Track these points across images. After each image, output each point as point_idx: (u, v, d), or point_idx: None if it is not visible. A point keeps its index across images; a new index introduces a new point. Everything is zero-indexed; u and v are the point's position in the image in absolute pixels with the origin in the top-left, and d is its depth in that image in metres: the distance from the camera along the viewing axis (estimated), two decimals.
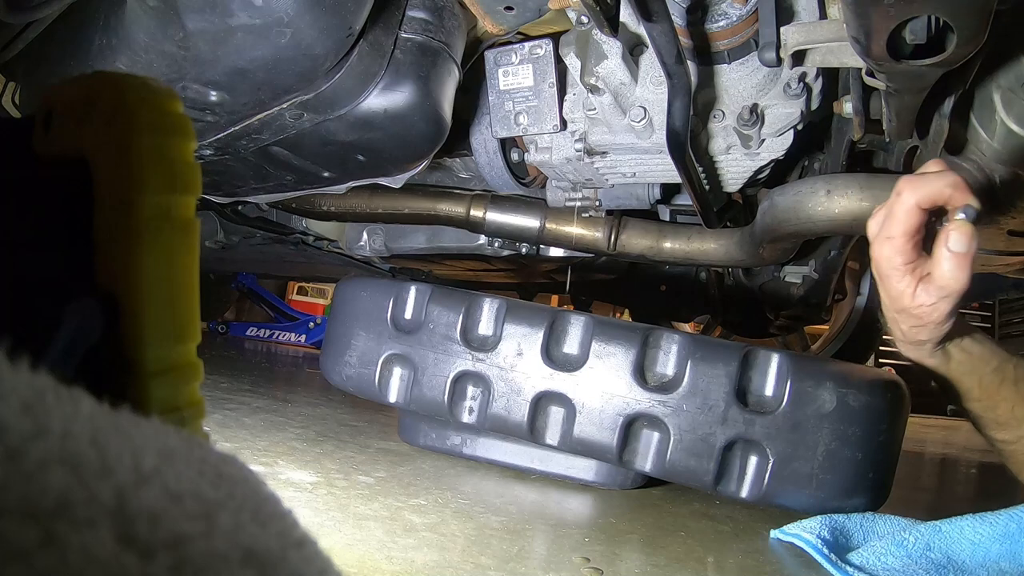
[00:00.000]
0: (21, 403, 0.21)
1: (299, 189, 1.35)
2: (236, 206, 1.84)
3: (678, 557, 0.89)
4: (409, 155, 1.17)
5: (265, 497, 0.27)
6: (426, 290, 1.24)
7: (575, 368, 1.12)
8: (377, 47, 1.01)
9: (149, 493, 0.22)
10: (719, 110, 1.14)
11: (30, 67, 0.97)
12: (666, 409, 1.07)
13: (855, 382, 1.03)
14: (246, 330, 4.39)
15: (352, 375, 1.28)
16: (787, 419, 1.03)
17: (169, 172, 0.37)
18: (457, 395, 1.19)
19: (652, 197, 1.45)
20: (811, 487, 1.02)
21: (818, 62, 1.02)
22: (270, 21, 0.85)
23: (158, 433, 0.26)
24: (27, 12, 0.83)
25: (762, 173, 1.26)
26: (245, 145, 1.12)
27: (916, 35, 0.69)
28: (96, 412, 0.24)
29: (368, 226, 1.91)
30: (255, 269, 3.54)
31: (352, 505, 0.92)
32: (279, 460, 1.11)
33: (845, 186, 1.10)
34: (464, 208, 1.58)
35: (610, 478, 1.19)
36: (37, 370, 0.23)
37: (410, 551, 0.77)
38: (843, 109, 1.10)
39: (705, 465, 1.05)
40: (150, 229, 0.37)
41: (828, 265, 1.81)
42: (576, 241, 1.56)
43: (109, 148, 0.37)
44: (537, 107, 1.25)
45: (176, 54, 0.89)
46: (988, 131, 1.00)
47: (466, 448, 1.26)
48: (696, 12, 1.02)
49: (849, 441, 1.02)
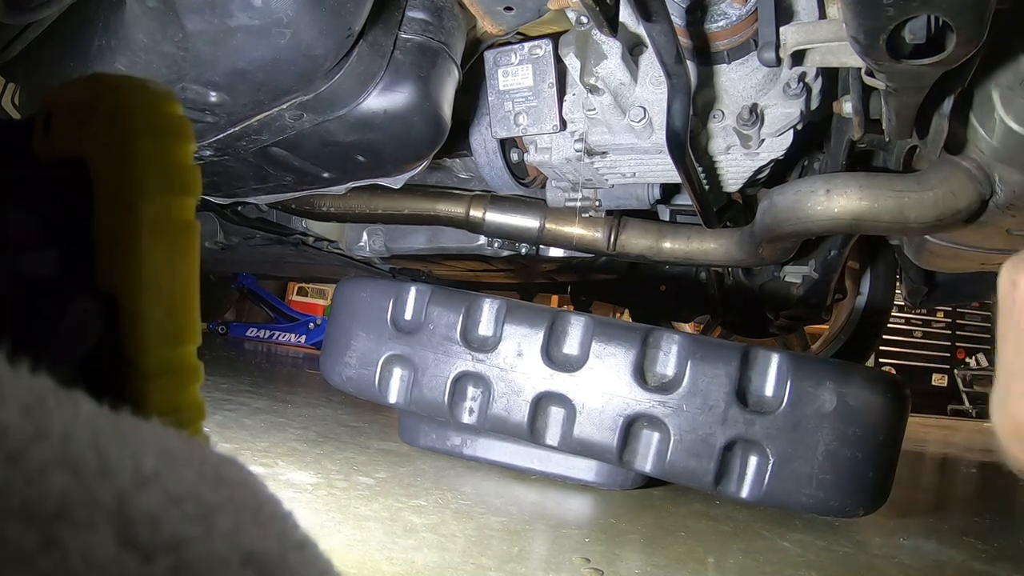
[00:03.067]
0: (21, 406, 0.21)
1: (299, 190, 1.35)
2: (236, 207, 1.84)
3: (678, 557, 0.89)
4: (409, 155, 1.17)
5: (265, 499, 0.27)
6: (426, 291, 1.24)
7: (575, 368, 1.12)
8: (377, 48, 1.01)
9: (149, 496, 0.22)
10: (719, 110, 1.13)
11: (30, 68, 0.97)
12: (666, 409, 1.07)
13: (855, 382, 1.03)
14: (246, 331, 4.39)
15: (352, 376, 1.28)
16: (787, 419, 1.03)
17: (168, 174, 0.37)
18: (457, 396, 1.19)
19: (652, 197, 1.45)
20: (811, 487, 1.02)
21: (817, 62, 1.02)
22: (269, 22, 0.85)
23: (158, 435, 0.26)
24: (27, 13, 0.83)
25: (762, 173, 1.26)
26: (245, 146, 1.12)
27: (915, 35, 0.69)
28: (96, 414, 0.24)
29: (368, 227, 1.91)
30: (255, 270, 3.54)
31: (352, 506, 0.92)
32: (279, 461, 1.11)
33: (845, 185, 1.10)
34: (464, 208, 1.58)
35: (610, 478, 1.19)
36: (37, 372, 0.23)
37: (410, 552, 0.77)
38: (843, 109, 1.10)
39: (705, 465, 1.05)
40: (150, 231, 0.36)
41: (828, 265, 1.81)
42: (576, 241, 1.56)
43: (109, 150, 0.36)
44: (537, 107, 1.24)
45: (175, 55, 0.89)
46: (988, 130, 1.00)
47: (466, 448, 1.26)
48: (695, 12, 1.02)
49: (849, 441, 1.02)
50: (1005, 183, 1.04)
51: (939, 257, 1.42)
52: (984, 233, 1.18)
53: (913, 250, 1.48)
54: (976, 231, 1.17)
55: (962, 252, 1.31)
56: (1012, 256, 0.57)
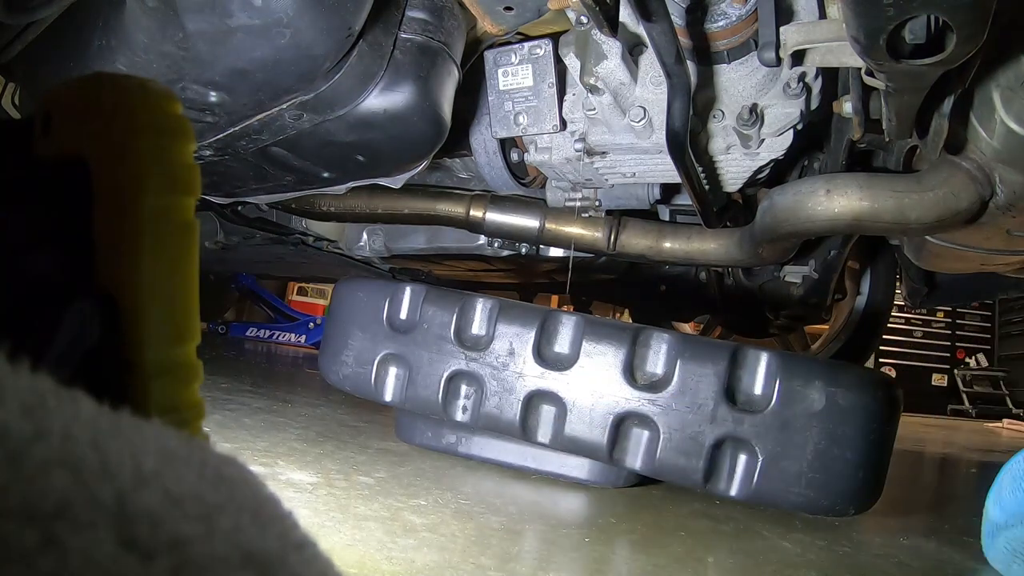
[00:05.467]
0: (22, 406, 0.21)
1: (299, 189, 1.35)
2: (236, 207, 1.84)
3: (678, 557, 0.89)
4: (409, 155, 1.17)
5: (265, 499, 0.27)
6: (421, 291, 1.25)
7: (566, 367, 1.13)
8: (376, 47, 1.01)
9: (149, 495, 0.22)
10: (719, 110, 1.14)
11: (30, 68, 0.97)
12: (655, 408, 1.07)
13: (845, 381, 1.03)
14: (246, 330, 4.39)
15: (349, 375, 1.28)
16: (776, 418, 1.03)
17: (168, 173, 0.37)
18: (451, 394, 1.19)
19: (652, 197, 1.45)
20: (800, 486, 1.02)
21: (817, 62, 1.02)
22: (269, 22, 0.85)
23: (158, 435, 0.26)
24: (27, 13, 0.83)
25: (762, 173, 1.26)
26: (245, 146, 1.12)
27: (916, 35, 0.69)
28: (96, 414, 0.24)
29: (368, 226, 1.91)
30: (255, 270, 3.54)
31: (352, 506, 0.92)
32: (279, 461, 1.11)
33: (845, 185, 1.10)
34: (464, 208, 1.58)
35: (602, 476, 1.19)
36: (37, 372, 0.23)
37: (410, 551, 0.77)
38: (843, 109, 1.10)
39: (694, 463, 1.05)
40: (150, 230, 0.36)
41: (828, 265, 1.81)
42: (576, 241, 1.56)
43: (109, 149, 0.36)
44: (537, 107, 1.25)
45: (175, 55, 0.89)
46: (988, 130, 1.00)
47: (461, 447, 1.26)
48: (696, 12, 1.02)
49: (839, 440, 1.02)
50: (1005, 184, 1.04)
51: (939, 257, 1.42)
52: (984, 234, 1.18)
53: (913, 250, 1.48)
54: (976, 232, 1.17)
55: (962, 252, 1.31)
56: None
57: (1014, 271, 1.51)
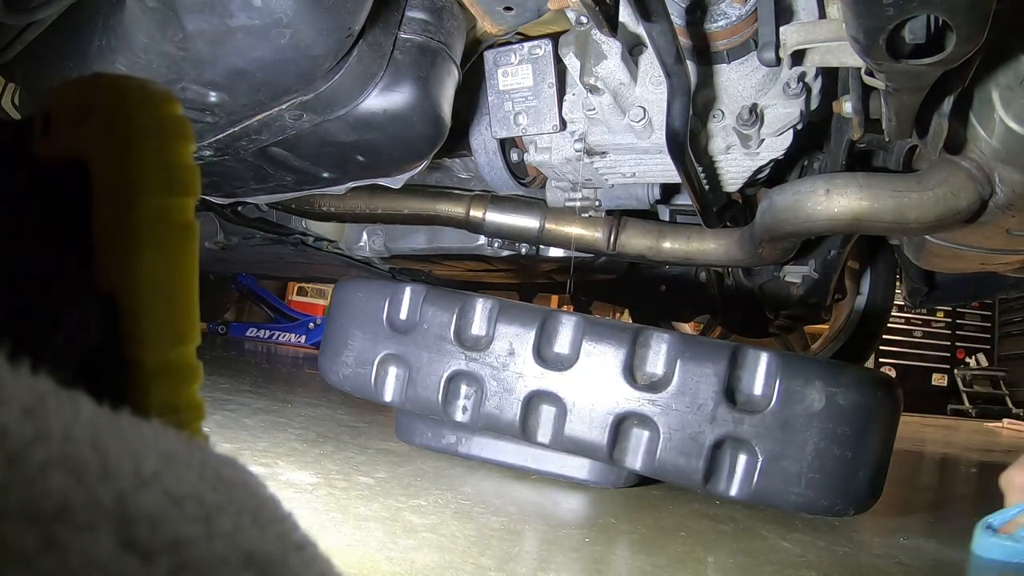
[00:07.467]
0: (22, 407, 0.21)
1: (299, 190, 1.35)
2: (236, 207, 1.84)
3: (678, 557, 0.89)
4: (409, 155, 1.17)
5: (265, 500, 0.27)
6: (421, 291, 1.25)
7: (566, 367, 1.13)
8: (376, 48, 1.01)
9: (149, 496, 0.22)
10: (718, 110, 1.13)
11: (29, 68, 0.97)
12: (655, 408, 1.07)
13: (844, 381, 1.03)
14: (246, 331, 4.40)
15: (349, 375, 1.28)
16: (776, 418, 1.03)
17: (168, 174, 0.37)
18: (451, 394, 1.19)
19: (652, 197, 1.45)
20: (800, 486, 1.02)
21: (817, 62, 1.02)
22: (269, 22, 0.85)
23: (158, 436, 0.26)
24: (26, 13, 0.83)
25: (762, 173, 1.26)
26: (245, 146, 1.12)
27: (915, 35, 0.69)
28: (96, 415, 0.24)
29: (368, 227, 1.91)
30: (255, 270, 3.54)
31: (352, 506, 0.92)
32: (279, 461, 1.11)
33: (844, 185, 1.10)
34: (464, 208, 1.58)
35: (602, 476, 1.19)
36: (37, 373, 0.23)
37: (410, 552, 0.77)
38: (843, 109, 1.10)
39: (694, 464, 1.05)
40: (149, 231, 0.36)
41: (828, 265, 1.81)
42: (576, 241, 1.56)
43: (108, 150, 0.36)
44: (536, 107, 1.25)
45: (175, 55, 0.89)
46: (987, 130, 1.00)
47: (461, 447, 1.26)
48: (695, 12, 1.02)
49: (839, 440, 1.02)
50: (1005, 183, 1.04)
51: (939, 257, 1.42)
52: (984, 233, 1.18)
53: (913, 250, 1.48)
54: (976, 231, 1.17)
55: (962, 252, 1.31)
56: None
57: (1014, 270, 1.51)
